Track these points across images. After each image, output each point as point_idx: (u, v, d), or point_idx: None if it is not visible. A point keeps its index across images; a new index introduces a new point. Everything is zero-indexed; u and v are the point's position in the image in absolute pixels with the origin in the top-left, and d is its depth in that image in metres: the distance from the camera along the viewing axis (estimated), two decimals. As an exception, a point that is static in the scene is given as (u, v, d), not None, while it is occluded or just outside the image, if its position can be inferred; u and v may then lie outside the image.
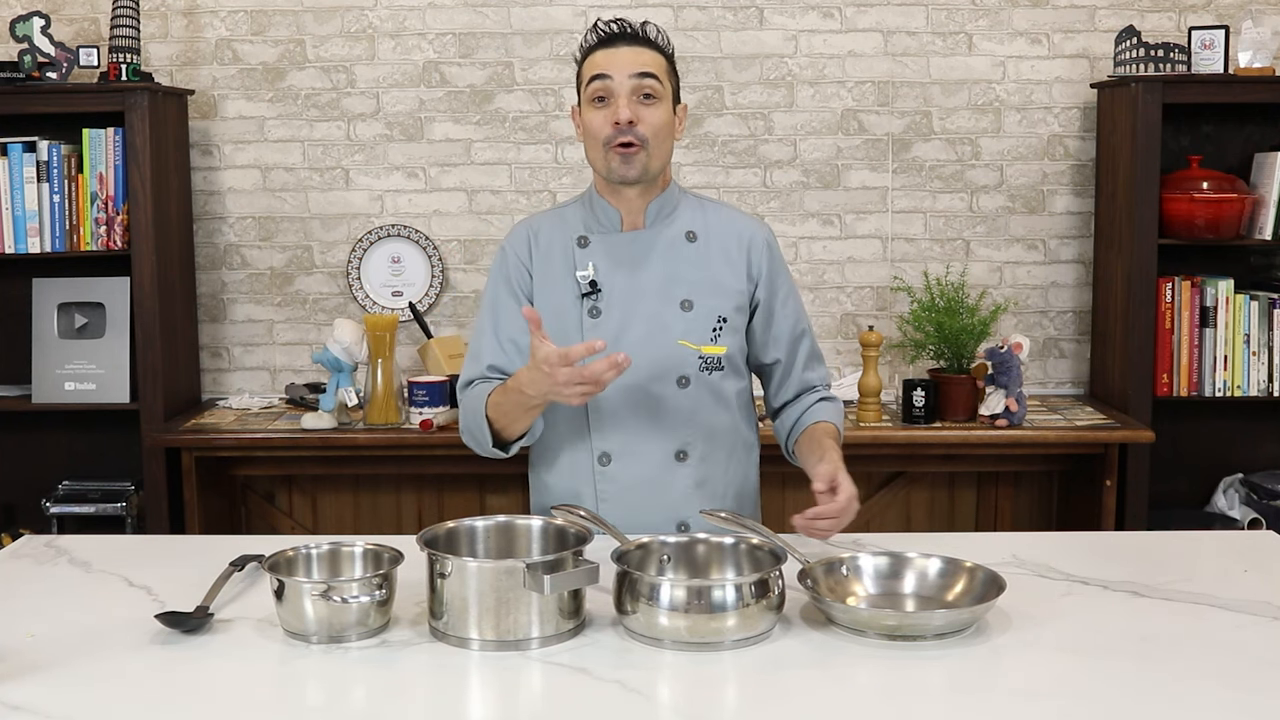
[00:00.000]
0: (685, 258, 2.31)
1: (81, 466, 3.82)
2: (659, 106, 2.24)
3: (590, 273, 2.29)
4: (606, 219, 2.33)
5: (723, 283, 2.32)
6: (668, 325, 2.29)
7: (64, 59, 3.57)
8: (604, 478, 2.31)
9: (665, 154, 2.29)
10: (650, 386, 2.28)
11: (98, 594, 2.03)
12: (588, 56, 2.28)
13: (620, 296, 2.29)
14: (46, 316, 3.69)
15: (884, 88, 3.84)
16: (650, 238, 2.32)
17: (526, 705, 1.69)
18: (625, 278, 2.30)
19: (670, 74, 2.29)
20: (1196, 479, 3.88)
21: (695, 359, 2.29)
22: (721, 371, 2.32)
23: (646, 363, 2.27)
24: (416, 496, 3.83)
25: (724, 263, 2.33)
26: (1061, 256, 3.91)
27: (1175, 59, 3.54)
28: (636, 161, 2.23)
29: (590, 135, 2.27)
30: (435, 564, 1.81)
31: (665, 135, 2.26)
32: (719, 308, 2.31)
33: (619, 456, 2.30)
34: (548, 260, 2.34)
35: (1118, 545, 2.37)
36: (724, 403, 2.34)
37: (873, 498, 3.79)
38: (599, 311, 2.29)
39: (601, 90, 2.23)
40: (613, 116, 2.22)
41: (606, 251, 2.31)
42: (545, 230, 2.36)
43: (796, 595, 1.90)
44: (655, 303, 2.29)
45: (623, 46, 2.24)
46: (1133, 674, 1.69)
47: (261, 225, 3.90)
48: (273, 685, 1.72)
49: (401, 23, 3.82)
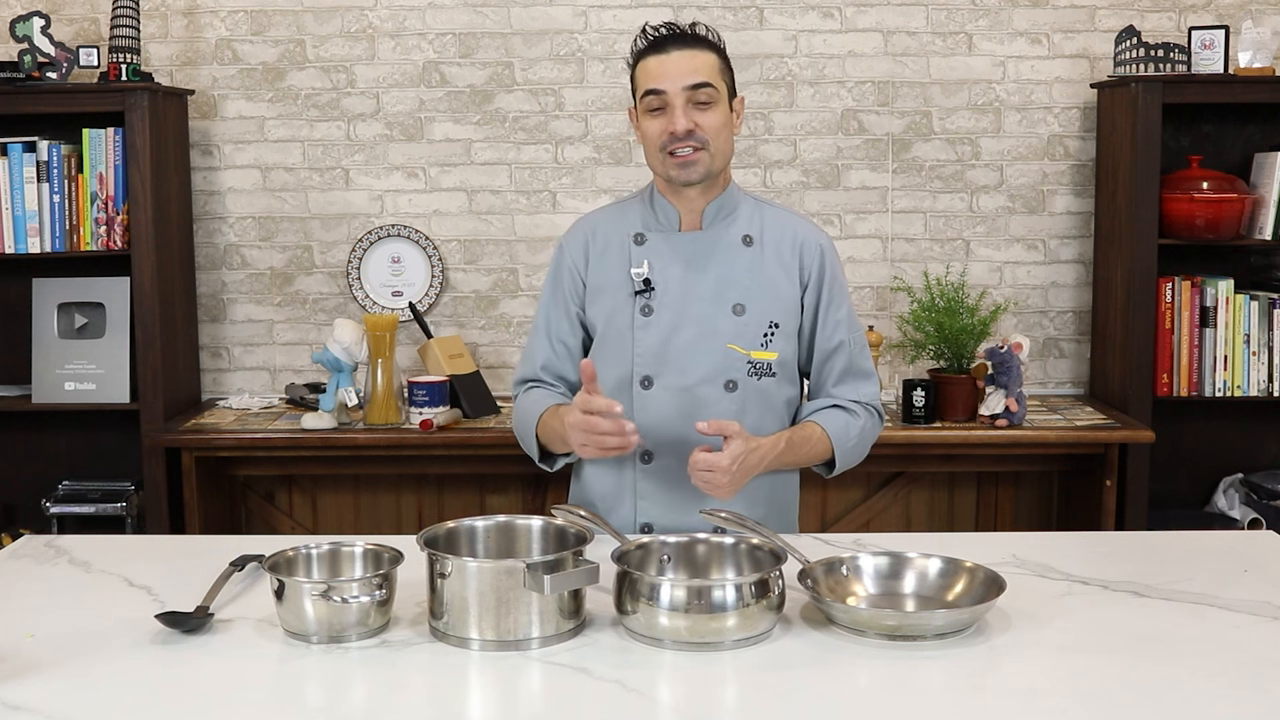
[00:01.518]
0: (740, 261, 2.31)
1: (81, 466, 3.82)
2: (715, 109, 2.24)
3: (645, 270, 2.30)
4: (665, 218, 2.33)
5: (776, 287, 2.31)
6: (718, 328, 2.29)
7: (64, 59, 3.57)
8: (644, 476, 2.31)
9: (726, 153, 2.29)
10: (697, 389, 2.28)
11: (98, 594, 2.03)
12: (639, 62, 2.27)
13: (673, 296, 2.30)
14: (46, 316, 3.69)
15: (884, 88, 3.84)
16: (707, 239, 2.32)
17: (526, 705, 1.69)
18: (679, 278, 2.30)
19: (724, 71, 2.28)
20: (1196, 479, 3.88)
21: (744, 363, 2.29)
22: (773, 378, 2.31)
23: (695, 365, 2.28)
24: (416, 496, 3.83)
25: (778, 267, 2.32)
26: (1061, 256, 3.91)
27: (1175, 59, 3.54)
28: (698, 165, 2.24)
29: (648, 141, 2.27)
30: (435, 564, 1.81)
31: (725, 135, 2.27)
32: (771, 313, 2.30)
33: (661, 456, 2.30)
34: (603, 257, 2.35)
35: (1118, 545, 2.37)
36: (771, 409, 2.33)
37: (873, 498, 3.79)
38: (651, 310, 2.30)
39: (657, 103, 2.23)
40: (669, 125, 2.22)
41: (662, 250, 2.32)
42: (603, 227, 2.37)
43: (796, 595, 1.90)
44: (707, 305, 2.29)
45: (674, 51, 2.23)
46: (1132, 674, 1.70)
47: (261, 225, 3.90)
48: (273, 685, 1.72)
49: (401, 23, 3.82)
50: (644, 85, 2.25)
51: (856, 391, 2.37)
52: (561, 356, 2.38)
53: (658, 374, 2.29)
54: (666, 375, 2.29)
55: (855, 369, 2.37)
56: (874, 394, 2.39)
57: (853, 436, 2.34)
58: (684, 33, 2.26)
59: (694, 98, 2.22)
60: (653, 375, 2.29)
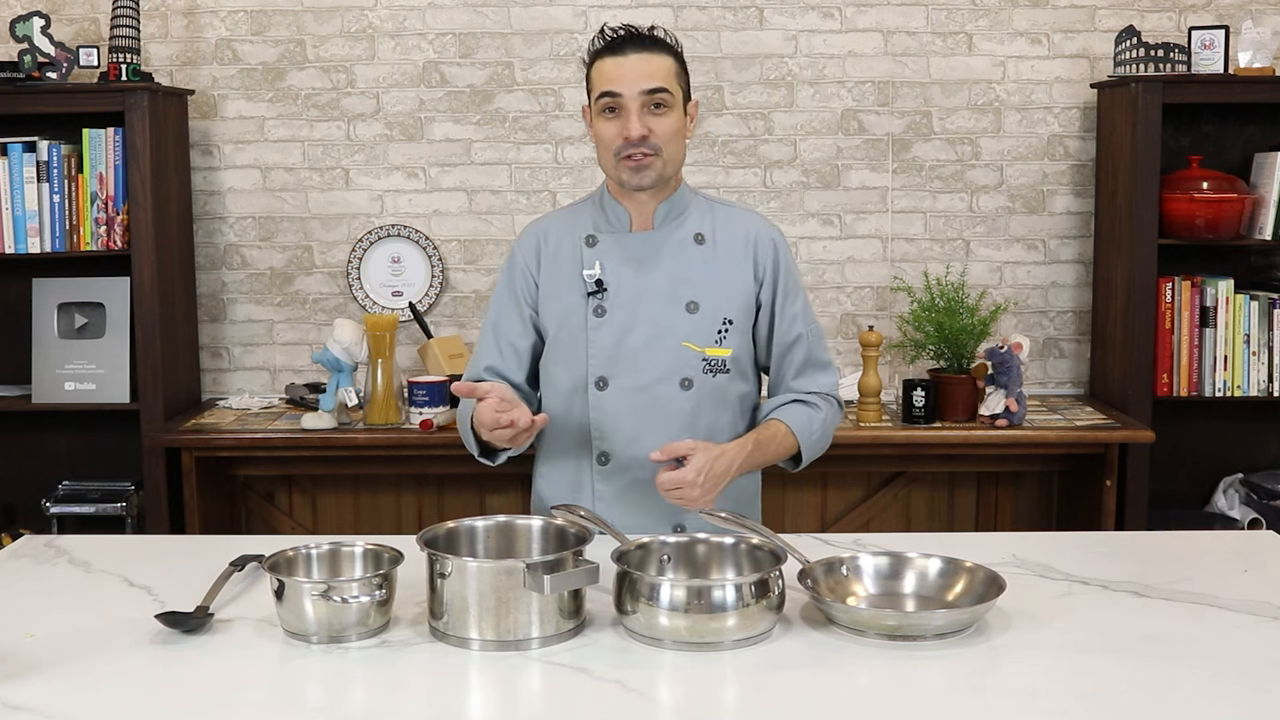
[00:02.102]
0: (692, 259, 2.32)
1: (81, 466, 3.82)
2: (670, 114, 2.25)
3: (597, 271, 2.30)
4: (616, 219, 2.34)
5: (730, 284, 2.32)
6: (672, 326, 2.29)
7: (64, 59, 3.57)
8: (602, 477, 2.31)
9: (678, 158, 2.30)
10: (653, 388, 2.29)
11: (98, 594, 2.03)
12: (595, 61, 2.27)
13: (626, 296, 2.30)
14: (46, 316, 3.69)
15: (884, 88, 3.84)
16: (658, 239, 2.32)
17: (526, 705, 1.69)
18: (632, 278, 2.31)
19: (680, 76, 2.28)
20: (1196, 479, 3.88)
21: (699, 361, 2.30)
22: (727, 374, 2.32)
23: (650, 364, 2.28)
24: (416, 496, 3.83)
25: (731, 264, 2.33)
26: (1061, 256, 3.91)
27: (1175, 59, 3.54)
28: (650, 170, 2.25)
29: (601, 143, 2.28)
30: (435, 564, 1.81)
31: (678, 140, 2.28)
32: (725, 310, 2.31)
33: (618, 457, 2.30)
34: (556, 260, 2.35)
35: (1118, 545, 2.37)
36: (727, 405, 2.34)
37: (873, 498, 3.79)
38: (604, 311, 2.30)
39: (611, 104, 2.24)
40: (624, 130, 2.22)
41: (614, 251, 2.32)
42: (554, 230, 2.37)
43: (796, 595, 1.90)
44: (661, 304, 2.30)
45: (631, 54, 2.23)
46: (1133, 674, 1.70)
47: (261, 225, 3.90)
48: (273, 685, 1.72)
49: (401, 23, 3.82)
50: (600, 87, 2.25)
51: (815, 383, 2.39)
52: (509, 359, 2.37)
53: (612, 374, 2.29)
54: (621, 375, 2.29)
55: (813, 360, 2.39)
56: (833, 384, 2.42)
57: (816, 429, 2.36)
58: (642, 35, 2.26)
59: (650, 102, 2.22)
60: (608, 376, 2.29)
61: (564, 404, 2.32)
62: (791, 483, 3.74)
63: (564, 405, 2.32)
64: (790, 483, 3.74)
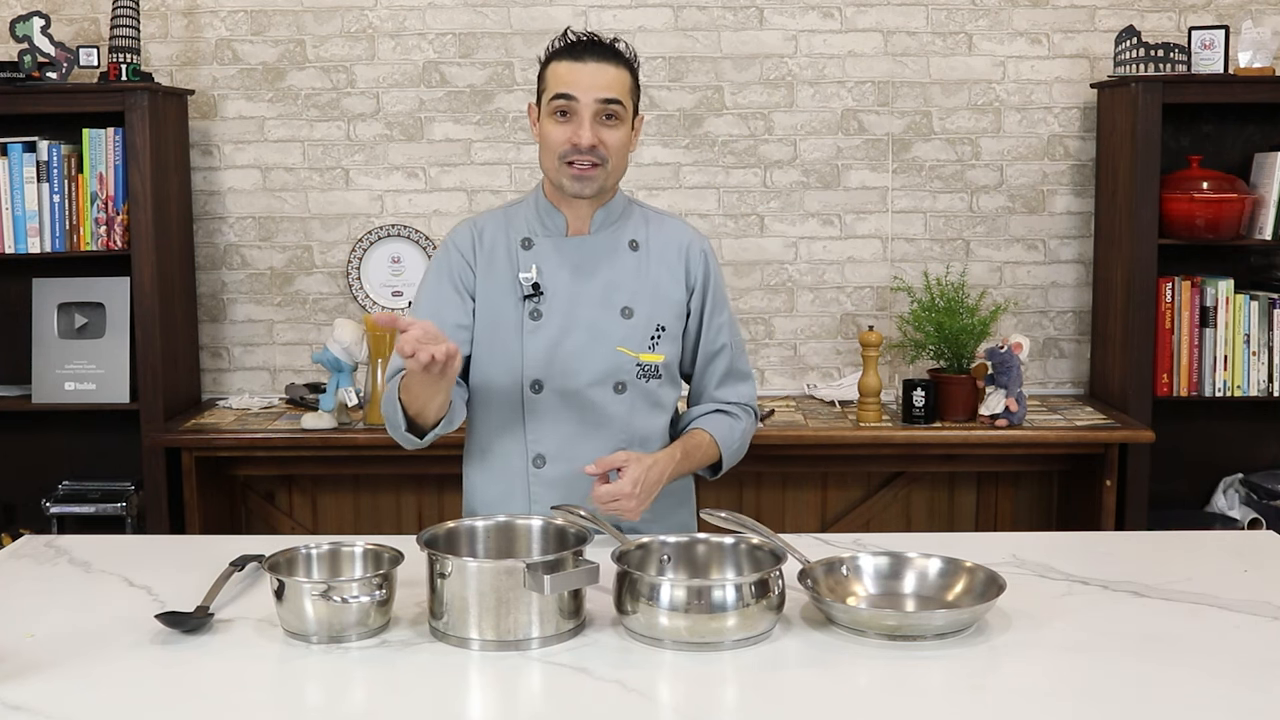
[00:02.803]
0: (627, 265, 2.33)
1: (81, 466, 3.81)
2: (620, 127, 2.25)
3: (533, 275, 2.30)
4: (552, 223, 2.34)
5: (663, 291, 2.34)
6: (607, 331, 2.30)
7: (64, 59, 3.57)
8: (537, 480, 2.32)
9: (621, 170, 2.31)
10: (587, 391, 2.30)
11: (98, 594, 2.03)
12: (551, 62, 2.27)
13: (562, 300, 2.30)
14: (46, 316, 3.69)
15: (884, 88, 3.84)
16: (594, 244, 2.33)
17: (526, 705, 1.69)
18: (568, 282, 2.31)
19: (634, 91, 2.29)
20: (1196, 479, 3.88)
21: (633, 365, 2.31)
22: (659, 379, 2.34)
23: (584, 367, 2.29)
24: (416, 496, 3.83)
25: (664, 271, 2.34)
26: (1061, 256, 3.91)
27: (1175, 59, 3.54)
28: (594, 181, 2.25)
29: (547, 145, 2.26)
30: (435, 564, 1.81)
31: (623, 153, 2.29)
32: (658, 316, 2.33)
33: (553, 459, 2.31)
34: (491, 260, 2.33)
35: (1118, 545, 2.37)
36: (659, 409, 2.36)
37: (873, 498, 3.80)
38: (540, 314, 2.30)
39: (564, 107, 2.23)
40: (573, 136, 2.22)
41: (550, 255, 2.32)
42: (490, 230, 2.36)
43: (796, 595, 1.90)
44: (596, 309, 2.30)
45: (590, 61, 2.23)
46: (1133, 674, 1.70)
47: (261, 225, 3.90)
48: (273, 685, 1.72)
49: (401, 23, 3.82)
50: (555, 88, 2.24)
51: (736, 393, 2.42)
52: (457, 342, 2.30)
53: (548, 377, 2.29)
54: (556, 379, 2.29)
55: (735, 371, 2.42)
56: (751, 395, 2.45)
57: (736, 439, 2.40)
58: (604, 45, 2.26)
59: (603, 111, 2.22)
60: (543, 379, 2.29)
61: (497, 405, 2.32)
62: (791, 483, 3.75)
63: (497, 407, 2.32)
64: (790, 483, 3.74)
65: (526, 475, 2.32)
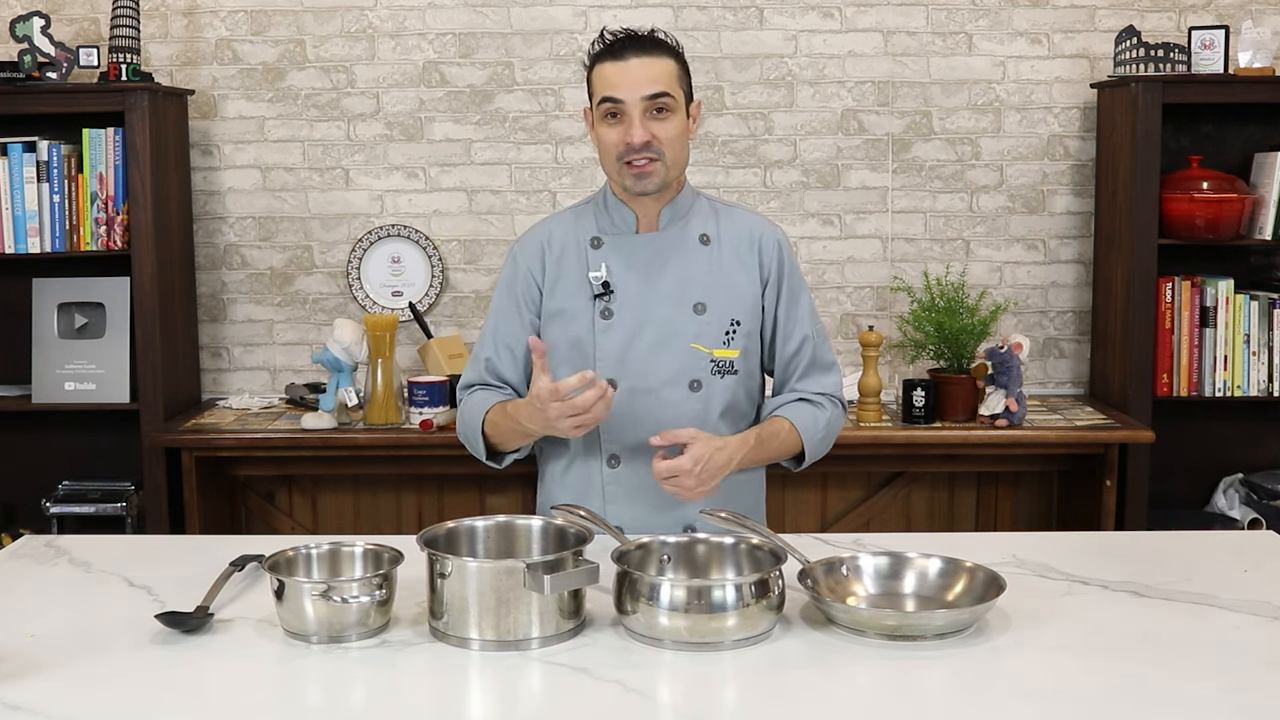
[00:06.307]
0: (699, 261, 2.31)
1: (81, 466, 3.81)
2: (673, 118, 2.24)
3: (603, 274, 2.30)
4: (621, 221, 2.33)
5: (736, 286, 2.32)
6: (681, 328, 2.29)
7: (64, 59, 3.57)
8: (612, 480, 2.31)
9: (682, 161, 2.29)
10: (662, 390, 2.28)
11: (98, 594, 2.03)
12: (595, 66, 2.26)
13: (633, 299, 2.29)
14: (46, 316, 3.69)
15: (884, 88, 3.84)
16: (664, 240, 2.32)
17: (526, 705, 1.69)
18: (638, 280, 2.30)
19: (682, 78, 2.27)
20: (1196, 479, 3.88)
21: (707, 362, 2.29)
22: (735, 375, 2.32)
23: (658, 366, 2.27)
24: (416, 496, 3.83)
25: (737, 265, 2.32)
26: (1061, 256, 3.91)
27: (1175, 59, 3.54)
28: (654, 176, 2.24)
29: (604, 149, 2.27)
30: (435, 564, 1.81)
31: (680, 143, 2.27)
32: (732, 311, 2.30)
33: (628, 459, 2.30)
34: (560, 263, 2.34)
35: (1118, 545, 2.37)
36: (735, 406, 2.33)
37: (873, 498, 3.80)
38: (611, 313, 2.29)
39: (613, 109, 2.23)
40: (626, 136, 2.22)
41: (620, 253, 2.31)
42: (558, 233, 2.36)
43: (796, 595, 1.90)
44: (669, 306, 2.29)
45: (631, 58, 2.22)
46: (1133, 674, 1.69)
47: (261, 225, 3.90)
48: (273, 685, 1.72)
49: (401, 23, 3.82)
50: (601, 92, 2.24)
51: (820, 384, 2.37)
52: (506, 361, 2.36)
53: (621, 377, 2.28)
54: (630, 378, 2.28)
55: (819, 361, 2.38)
56: (837, 385, 2.40)
57: (820, 429, 2.34)
58: (642, 38, 2.25)
59: (651, 106, 2.21)
60: (616, 378, 2.28)
61: None
62: (791, 483, 3.74)
63: None
64: (790, 483, 3.74)
65: (601, 475, 2.32)
